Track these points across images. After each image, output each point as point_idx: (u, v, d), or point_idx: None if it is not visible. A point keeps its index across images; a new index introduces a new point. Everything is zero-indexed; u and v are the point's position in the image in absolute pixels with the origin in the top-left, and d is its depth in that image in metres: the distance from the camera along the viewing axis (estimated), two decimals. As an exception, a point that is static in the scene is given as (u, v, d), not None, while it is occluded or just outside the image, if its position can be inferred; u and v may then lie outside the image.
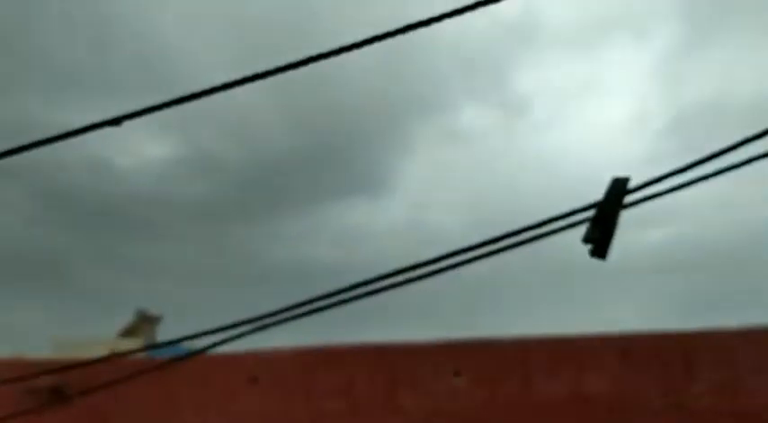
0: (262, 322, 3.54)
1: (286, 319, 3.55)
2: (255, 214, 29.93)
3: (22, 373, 6.38)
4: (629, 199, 2.89)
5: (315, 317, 3.45)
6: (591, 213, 2.87)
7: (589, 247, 2.77)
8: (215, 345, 3.79)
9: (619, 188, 2.88)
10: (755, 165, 2.86)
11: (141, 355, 11.30)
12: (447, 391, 8.12)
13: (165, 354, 10.67)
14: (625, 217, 2.84)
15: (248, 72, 2.63)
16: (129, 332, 29.98)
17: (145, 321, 30.14)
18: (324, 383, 8.44)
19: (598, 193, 2.82)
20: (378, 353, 8.52)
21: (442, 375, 8.29)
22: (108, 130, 2.62)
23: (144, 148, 28.93)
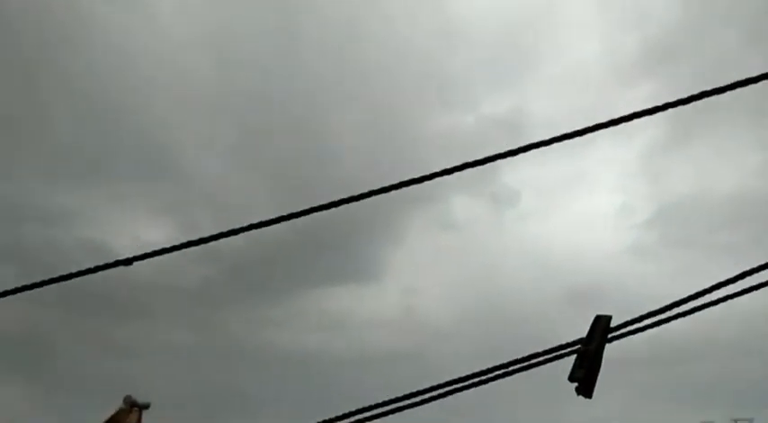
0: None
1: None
2: (247, 299, 29.89)
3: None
4: (612, 335, 3.07)
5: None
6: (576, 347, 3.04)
7: (575, 385, 2.92)
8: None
9: (602, 326, 3.06)
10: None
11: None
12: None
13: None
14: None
15: (243, 159, 2.86)
16: (113, 421, 29.23)
17: (132, 409, 29.43)
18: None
19: (582, 281, 3.01)
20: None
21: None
22: (107, 212, 2.86)
23: (142, 232, 29.15)
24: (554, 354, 3.05)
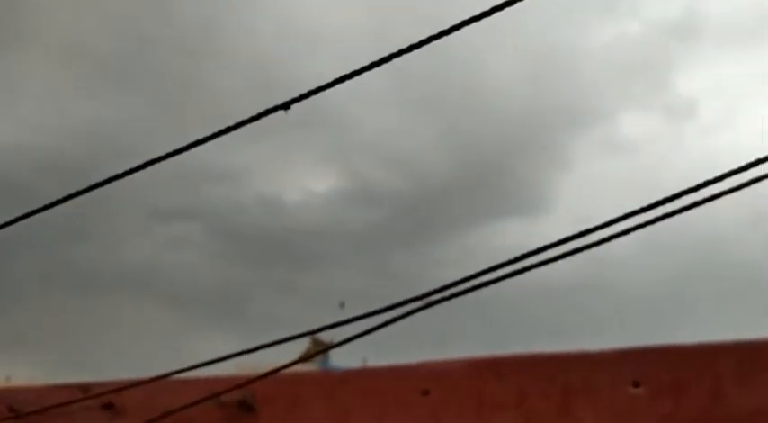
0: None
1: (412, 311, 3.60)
2: (413, 239, 30.39)
3: (213, 390, 6.83)
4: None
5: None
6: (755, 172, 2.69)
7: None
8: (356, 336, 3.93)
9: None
10: None
11: (317, 371, 11.86)
12: (625, 402, 7.76)
13: (337, 370, 11.28)
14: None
15: (399, 103, 2.73)
16: (304, 359, 31.36)
17: (319, 348, 31.38)
18: (495, 395, 8.36)
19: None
20: (551, 363, 8.32)
21: (619, 386, 7.92)
22: (275, 168, 2.85)
23: (309, 184, 30.43)
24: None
